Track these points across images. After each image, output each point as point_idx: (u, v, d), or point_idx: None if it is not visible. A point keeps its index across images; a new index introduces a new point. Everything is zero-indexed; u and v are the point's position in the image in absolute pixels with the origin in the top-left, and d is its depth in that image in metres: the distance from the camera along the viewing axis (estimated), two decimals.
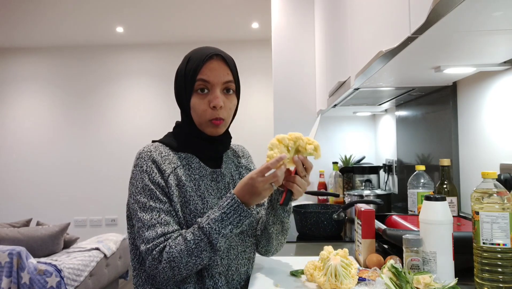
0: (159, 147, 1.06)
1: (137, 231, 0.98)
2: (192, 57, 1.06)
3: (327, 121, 2.81)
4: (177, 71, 1.10)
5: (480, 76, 1.42)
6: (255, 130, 4.82)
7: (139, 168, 1.01)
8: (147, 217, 0.96)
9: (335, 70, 1.96)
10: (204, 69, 1.03)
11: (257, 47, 4.84)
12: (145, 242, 0.95)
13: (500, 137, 1.31)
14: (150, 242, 0.94)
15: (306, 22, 2.84)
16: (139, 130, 4.91)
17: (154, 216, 0.97)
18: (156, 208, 0.97)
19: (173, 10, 3.89)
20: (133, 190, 1.01)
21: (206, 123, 1.05)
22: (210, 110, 1.04)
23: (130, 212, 1.05)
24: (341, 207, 1.69)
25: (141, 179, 0.99)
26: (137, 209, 0.98)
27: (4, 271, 2.63)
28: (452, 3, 0.70)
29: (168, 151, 1.06)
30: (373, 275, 1.03)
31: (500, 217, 0.90)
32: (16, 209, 4.92)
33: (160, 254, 0.94)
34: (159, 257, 0.94)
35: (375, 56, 1.11)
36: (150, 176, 0.99)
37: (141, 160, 1.02)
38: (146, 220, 0.96)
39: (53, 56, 4.98)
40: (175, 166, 1.04)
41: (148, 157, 1.01)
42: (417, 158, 1.99)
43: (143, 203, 0.98)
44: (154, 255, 0.94)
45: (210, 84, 1.03)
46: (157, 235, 0.95)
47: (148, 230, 0.95)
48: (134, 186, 1.00)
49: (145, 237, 0.95)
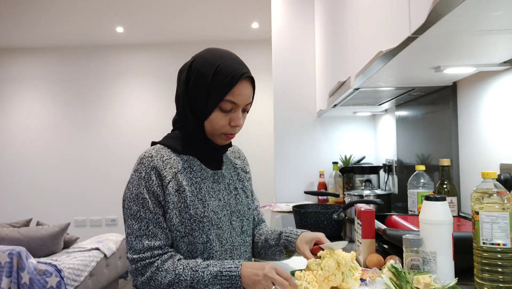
0: (160, 150, 1.04)
1: (126, 236, 1.01)
2: (222, 70, 0.99)
3: (327, 121, 2.81)
4: (198, 73, 1.01)
5: (480, 76, 1.42)
6: (255, 130, 4.82)
7: (138, 174, 1.01)
8: (136, 226, 0.98)
9: (335, 70, 1.96)
10: (235, 91, 1.00)
11: (257, 47, 4.84)
12: (131, 251, 0.98)
13: (500, 137, 1.31)
14: (136, 253, 0.97)
15: (306, 22, 2.84)
16: (139, 130, 4.91)
17: (142, 226, 0.98)
18: (146, 218, 0.98)
19: (173, 10, 3.89)
20: (128, 195, 1.01)
21: (219, 135, 1.06)
22: (229, 127, 1.04)
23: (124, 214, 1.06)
24: (341, 207, 1.69)
25: (137, 186, 1.00)
26: (128, 215, 1.00)
27: (4, 271, 2.63)
28: (452, 3, 0.70)
29: (170, 154, 1.05)
30: (373, 275, 1.03)
31: (500, 217, 0.90)
32: (16, 209, 4.92)
33: (144, 268, 0.96)
34: (142, 270, 0.97)
35: (375, 56, 1.12)
36: (147, 183, 0.99)
37: (141, 165, 1.01)
38: (134, 229, 0.98)
39: (53, 56, 4.98)
40: (176, 171, 1.03)
41: (148, 162, 1.01)
42: (417, 158, 1.99)
43: (134, 211, 0.99)
44: (138, 266, 0.97)
45: (236, 105, 1.03)
46: (143, 248, 0.97)
47: (136, 239, 0.98)
48: (129, 191, 1.01)
49: (131, 246, 0.98)
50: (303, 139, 2.80)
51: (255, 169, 4.81)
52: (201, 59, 1.03)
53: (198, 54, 1.06)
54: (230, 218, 1.08)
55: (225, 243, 1.05)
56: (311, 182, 2.78)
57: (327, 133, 2.81)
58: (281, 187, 2.79)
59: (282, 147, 2.81)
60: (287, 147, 2.80)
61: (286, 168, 2.80)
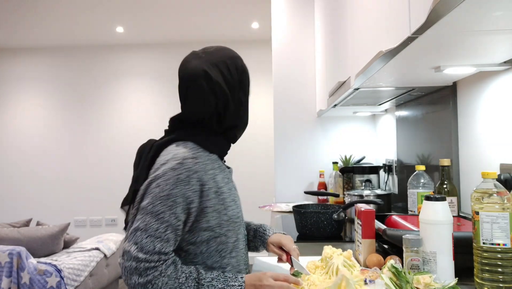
0: (197, 150, 1.01)
1: (136, 229, 0.94)
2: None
3: (327, 121, 2.81)
4: (245, 70, 1.09)
5: (480, 76, 1.42)
6: (255, 130, 4.82)
7: (176, 174, 0.95)
8: (154, 226, 0.93)
9: (335, 70, 1.96)
10: None
11: (257, 47, 4.84)
12: (137, 248, 0.92)
13: (500, 137, 1.31)
14: (144, 252, 0.92)
15: (306, 22, 2.84)
16: (139, 130, 4.91)
17: (160, 229, 0.93)
18: (167, 222, 0.93)
19: (173, 10, 3.89)
20: (156, 192, 0.95)
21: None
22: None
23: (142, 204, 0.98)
24: (341, 207, 1.69)
25: (172, 186, 0.94)
26: (149, 212, 0.94)
27: (4, 271, 2.63)
28: (452, 3, 0.70)
29: (203, 154, 1.02)
30: (373, 275, 1.03)
31: (500, 217, 0.90)
32: (16, 209, 4.92)
33: (145, 270, 0.91)
34: (143, 272, 0.91)
35: (375, 56, 1.12)
36: (184, 187, 0.95)
37: (182, 166, 0.96)
38: (151, 228, 0.93)
39: (53, 56, 4.98)
40: (214, 173, 1.01)
41: (191, 165, 0.97)
42: (417, 158, 1.99)
43: (158, 210, 0.94)
44: (139, 266, 0.91)
45: None
46: (153, 251, 0.92)
47: (148, 238, 0.92)
48: (159, 188, 0.95)
49: (140, 243, 0.92)
50: (303, 139, 2.80)
51: (255, 169, 4.81)
52: (238, 57, 1.10)
53: (232, 52, 1.10)
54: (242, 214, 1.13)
55: (244, 239, 1.10)
56: (311, 182, 2.78)
57: (327, 133, 2.81)
58: (281, 187, 2.79)
59: (282, 147, 2.81)
60: (287, 146, 2.80)
61: (286, 168, 2.80)
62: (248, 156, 4.81)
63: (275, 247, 1.17)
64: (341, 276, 0.93)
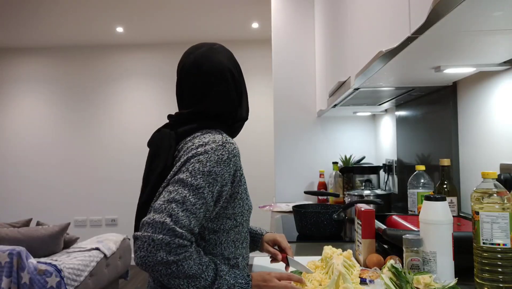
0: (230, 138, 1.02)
1: (170, 201, 0.86)
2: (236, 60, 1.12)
3: (327, 121, 2.81)
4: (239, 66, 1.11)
5: (480, 76, 1.42)
6: (255, 130, 4.82)
7: (219, 154, 0.93)
8: (191, 200, 0.87)
9: (335, 70, 1.96)
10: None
11: (257, 47, 4.84)
12: (174, 221, 0.84)
13: (500, 137, 1.31)
14: (180, 226, 0.84)
15: (306, 22, 2.84)
16: (139, 130, 4.91)
17: (197, 205, 0.88)
18: (204, 199, 0.89)
19: (173, 10, 3.89)
20: (197, 167, 0.90)
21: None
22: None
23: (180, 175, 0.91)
24: (341, 207, 1.69)
25: (214, 163, 0.91)
26: (188, 185, 0.88)
27: (4, 271, 2.63)
28: (452, 3, 0.70)
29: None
30: (373, 275, 1.03)
31: (500, 217, 0.90)
32: (16, 209, 4.92)
33: (177, 248, 0.83)
34: (173, 250, 0.83)
35: (375, 56, 1.12)
36: (225, 168, 0.93)
37: (224, 148, 0.94)
38: (189, 201, 0.86)
39: (53, 56, 4.98)
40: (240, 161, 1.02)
41: (232, 148, 0.96)
42: (417, 158, 1.99)
43: (198, 184, 0.88)
44: (171, 241, 0.83)
45: None
46: (188, 226, 0.85)
47: (184, 212, 0.85)
48: (202, 164, 0.90)
49: (177, 216, 0.84)
50: (303, 139, 2.80)
51: (255, 169, 4.81)
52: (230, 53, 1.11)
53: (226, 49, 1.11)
54: None
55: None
56: (311, 182, 2.78)
57: (327, 133, 2.81)
58: (281, 187, 2.79)
59: (282, 147, 2.81)
60: (287, 146, 2.80)
61: (286, 168, 2.80)
62: (248, 155, 4.81)
63: (270, 245, 1.19)
64: (337, 272, 0.94)
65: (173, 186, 0.89)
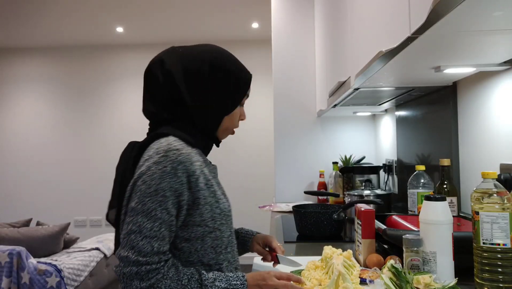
0: (181, 143, 0.97)
1: (129, 233, 0.90)
2: (243, 68, 1.08)
3: (327, 121, 2.81)
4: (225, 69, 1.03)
5: (480, 76, 1.42)
6: (255, 130, 4.81)
7: (161, 167, 0.91)
8: (147, 225, 0.89)
9: (335, 70, 1.96)
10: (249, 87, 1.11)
11: (257, 47, 4.84)
12: (135, 251, 0.88)
13: (500, 137, 1.31)
14: (142, 255, 0.88)
15: (306, 22, 2.84)
16: (139, 130, 4.90)
17: (155, 227, 0.89)
18: (161, 219, 0.90)
19: (173, 10, 3.89)
20: (143, 189, 0.91)
21: (231, 130, 1.10)
22: (237, 122, 1.11)
23: (130, 207, 0.94)
24: (341, 207, 1.69)
25: (158, 180, 0.90)
26: (140, 212, 0.90)
27: (4, 271, 2.63)
28: (452, 3, 0.70)
29: (187, 147, 0.98)
30: (373, 275, 1.03)
31: (500, 217, 0.90)
32: (16, 209, 4.92)
33: (147, 273, 0.88)
34: (145, 276, 0.88)
35: (375, 56, 1.12)
36: (171, 179, 0.91)
37: (166, 158, 0.92)
38: (145, 228, 0.89)
39: (53, 56, 4.97)
40: (200, 164, 0.97)
41: (175, 156, 0.92)
42: (417, 158, 1.99)
43: (149, 208, 0.90)
44: (141, 270, 0.88)
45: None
46: (152, 251, 0.89)
47: (144, 240, 0.89)
48: (146, 185, 0.91)
49: (137, 246, 0.88)
50: (303, 139, 2.80)
51: (255, 169, 4.81)
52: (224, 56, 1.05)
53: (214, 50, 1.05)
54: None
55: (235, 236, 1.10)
56: (311, 182, 2.78)
57: (327, 133, 2.81)
58: (281, 187, 2.79)
59: (282, 147, 2.81)
60: (287, 146, 2.80)
61: (286, 168, 2.80)
62: (248, 155, 4.81)
63: (260, 245, 1.20)
64: (337, 272, 0.94)
65: (129, 217, 0.92)
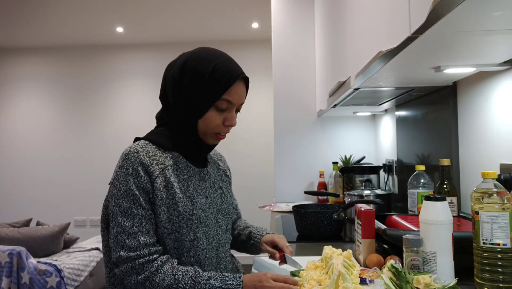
0: (146, 146, 1.02)
1: (115, 235, 0.96)
2: (220, 69, 1.00)
3: (327, 121, 2.81)
4: (194, 71, 1.01)
5: (480, 76, 1.42)
6: (254, 130, 4.81)
7: (125, 170, 0.98)
8: (128, 224, 0.95)
9: (335, 70, 1.96)
10: (232, 91, 1.02)
11: (257, 47, 4.84)
12: (125, 249, 0.94)
13: (500, 137, 1.31)
14: (132, 250, 0.93)
15: (306, 22, 2.84)
16: (139, 130, 4.90)
17: (135, 223, 0.95)
18: (138, 214, 0.96)
19: (173, 10, 3.89)
20: (115, 192, 0.98)
21: (211, 135, 1.06)
22: (222, 126, 1.05)
23: (108, 214, 1.02)
24: (341, 207, 1.69)
25: (125, 182, 0.97)
26: (118, 213, 0.96)
27: (4, 271, 2.63)
28: (452, 3, 0.70)
29: (155, 150, 1.03)
30: (373, 275, 1.03)
31: (500, 217, 0.90)
32: (16, 209, 4.92)
33: (142, 266, 0.93)
34: (139, 269, 0.93)
35: (375, 56, 1.12)
36: (135, 179, 0.97)
37: (127, 161, 0.98)
38: (127, 226, 0.95)
39: (53, 56, 4.97)
40: (163, 167, 1.01)
41: (135, 158, 0.98)
42: (417, 158, 1.99)
43: (125, 208, 0.96)
44: (135, 264, 0.93)
45: (231, 105, 1.04)
46: (139, 245, 0.94)
47: (129, 237, 0.94)
48: (117, 188, 0.98)
49: (124, 244, 0.94)
50: (303, 139, 2.80)
51: (255, 169, 4.81)
52: (196, 57, 1.03)
53: (192, 52, 1.05)
54: (216, 216, 1.09)
55: (212, 240, 1.06)
56: (311, 182, 2.78)
57: (327, 133, 2.81)
58: (281, 187, 2.79)
59: (282, 147, 2.81)
60: (287, 146, 2.80)
61: (286, 168, 2.80)
62: (248, 155, 4.81)
63: (269, 245, 1.19)
64: (336, 272, 0.94)
65: (111, 221, 0.98)
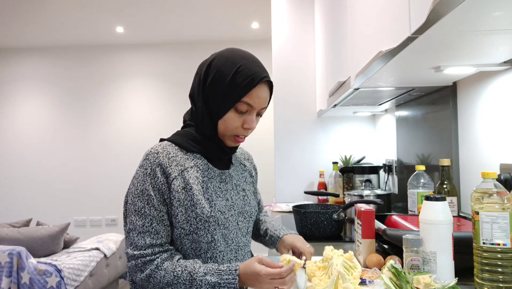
0: (167, 147, 1.04)
1: (128, 232, 1.00)
2: (243, 71, 0.99)
3: (327, 121, 2.81)
4: (217, 71, 1.01)
5: (480, 76, 1.42)
6: (254, 130, 4.81)
7: (143, 170, 1.00)
8: (139, 223, 0.98)
9: (335, 70, 1.96)
10: (253, 94, 1.00)
11: (257, 47, 4.84)
12: (132, 247, 0.98)
13: (500, 137, 1.31)
14: (137, 249, 0.97)
15: (306, 22, 2.84)
16: (139, 130, 4.91)
17: (146, 223, 0.98)
18: (150, 215, 0.98)
19: (173, 10, 3.89)
20: (133, 190, 1.01)
21: (230, 137, 1.05)
22: (241, 129, 1.04)
23: (126, 210, 1.05)
24: (341, 207, 1.69)
25: (142, 182, 0.99)
26: (132, 211, 1.00)
27: (4, 271, 2.63)
28: (452, 3, 0.70)
29: (177, 151, 1.04)
30: (373, 276, 1.03)
31: (500, 217, 0.90)
32: (16, 209, 4.92)
33: (144, 265, 0.97)
34: (142, 267, 0.97)
35: (375, 56, 1.12)
36: (152, 180, 0.99)
37: (147, 161, 1.01)
38: (138, 225, 0.98)
39: (53, 56, 4.97)
40: (183, 168, 1.02)
41: (154, 159, 1.00)
42: (417, 158, 1.99)
43: (139, 207, 0.99)
44: (138, 262, 0.97)
45: (252, 108, 1.02)
46: (145, 245, 0.97)
47: (138, 236, 0.98)
48: (134, 186, 1.01)
49: (133, 242, 0.98)
50: (303, 139, 2.80)
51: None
52: (222, 57, 1.03)
53: (220, 53, 1.05)
54: (237, 219, 1.07)
55: (230, 243, 1.05)
56: (311, 182, 2.78)
57: (327, 133, 2.81)
58: (281, 187, 2.79)
59: (282, 147, 2.81)
60: (287, 146, 2.80)
61: (286, 168, 2.80)
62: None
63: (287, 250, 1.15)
64: (336, 272, 0.93)
65: (127, 217, 1.02)
